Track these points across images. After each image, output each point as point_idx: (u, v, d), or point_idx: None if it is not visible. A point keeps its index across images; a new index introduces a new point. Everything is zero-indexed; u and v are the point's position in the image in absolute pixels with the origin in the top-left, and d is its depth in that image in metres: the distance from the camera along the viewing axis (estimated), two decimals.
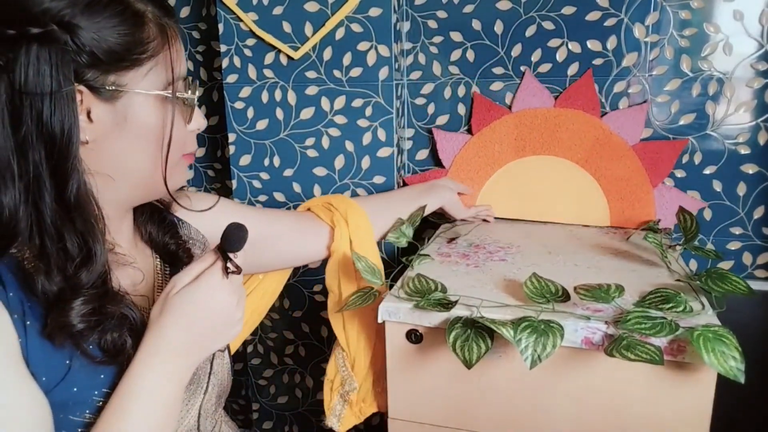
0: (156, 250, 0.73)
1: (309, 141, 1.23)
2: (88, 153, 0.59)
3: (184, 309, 0.58)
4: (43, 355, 0.56)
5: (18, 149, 0.54)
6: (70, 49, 0.54)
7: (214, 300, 0.59)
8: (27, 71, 0.53)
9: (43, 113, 0.53)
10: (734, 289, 0.78)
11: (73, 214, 0.56)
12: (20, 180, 0.54)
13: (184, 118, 0.64)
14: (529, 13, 1.15)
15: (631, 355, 0.67)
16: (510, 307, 0.79)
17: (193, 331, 0.59)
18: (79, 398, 0.57)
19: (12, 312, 0.54)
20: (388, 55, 1.14)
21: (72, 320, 0.55)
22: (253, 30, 1.19)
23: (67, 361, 0.57)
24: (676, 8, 1.09)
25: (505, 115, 1.20)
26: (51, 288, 0.55)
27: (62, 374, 0.56)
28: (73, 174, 0.56)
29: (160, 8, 0.61)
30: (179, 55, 0.63)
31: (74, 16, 0.54)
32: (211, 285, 0.59)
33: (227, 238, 0.60)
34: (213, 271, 0.59)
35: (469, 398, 0.83)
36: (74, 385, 0.57)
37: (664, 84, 1.12)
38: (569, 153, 1.18)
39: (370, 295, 0.88)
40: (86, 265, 0.57)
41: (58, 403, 0.56)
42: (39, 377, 0.55)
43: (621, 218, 1.17)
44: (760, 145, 1.10)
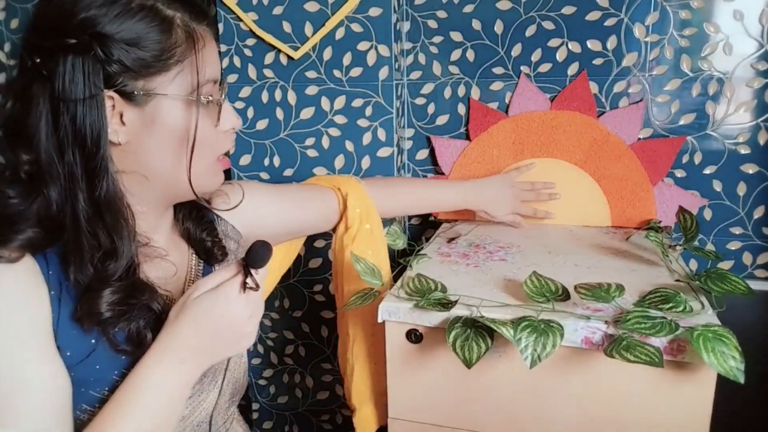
0: (192, 245, 0.76)
1: (309, 141, 1.23)
2: (123, 154, 0.62)
3: (200, 314, 0.61)
4: (71, 333, 0.60)
5: (58, 150, 0.59)
6: (101, 58, 0.58)
7: (228, 312, 0.61)
8: (64, 79, 0.57)
9: (77, 118, 0.58)
10: (734, 289, 0.78)
11: (103, 212, 0.60)
12: (62, 178, 0.59)
13: (212, 120, 0.66)
14: (529, 13, 1.15)
15: (631, 356, 0.67)
16: (510, 307, 0.79)
17: (204, 336, 0.61)
18: (100, 375, 0.61)
19: (51, 288, 0.59)
20: (388, 55, 1.14)
21: (101, 308, 0.60)
22: (253, 30, 1.19)
23: (93, 341, 0.61)
24: (676, 8, 1.09)
25: (502, 119, 1.20)
26: (82, 278, 0.60)
27: (87, 353, 0.61)
28: (103, 174, 0.60)
29: (190, 13, 0.63)
30: (208, 58, 0.64)
31: (105, 25, 0.57)
32: (227, 297, 0.61)
33: (251, 255, 0.61)
34: (232, 284, 0.61)
35: (470, 398, 0.83)
36: (97, 363, 0.61)
37: (664, 84, 1.12)
38: (568, 155, 1.18)
39: (370, 295, 0.87)
40: (112, 258, 0.61)
41: (80, 379, 0.60)
42: (64, 352, 0.60)
43: (622, 218, 1.17)
44: (760, 145, 1.10)
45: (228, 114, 0.68)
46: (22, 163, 0.59)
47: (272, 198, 0.90)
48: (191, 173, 0.65)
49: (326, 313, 1.33)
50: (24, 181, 0.60)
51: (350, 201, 0.97)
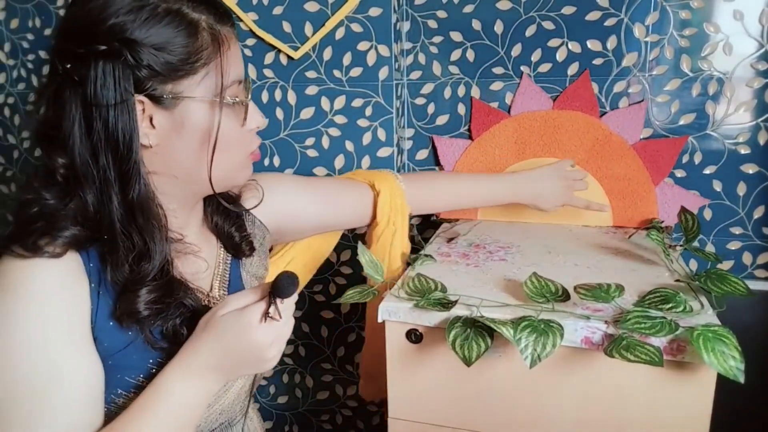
0: (221, 239, 0.78)
1: (309, 141, 1.23)
2: (154, 156, 0.64)
3: (222, 334, 0.62)
4: (108, 326, 0.62)
5: (92, 154, 0.61)
6: (130, 64, 0.59)
7: (248, 337, 0.61)
8: (95, 85, 0.59)
9: (109, 122, 0.60)
10: (734, 291, 0.78)
11: (136, 213, 0.62)
12: (97, 180, 0.61)
13: (239, 120, 0.67)
14: (529, 13, 1.15)
15: (631, 356, 0.67)
16: (510, 307, 0.79)
17: (225, 357, 0.62)
18: (135, 363, 0.64)
19: (91, 281, 0.62)
20: (388, 55, 1.14)
21: (139, 307, 0.62)
22: (253, 30, 1.19)
23: (130, 333, 0.64)
24: (676, 8, 1.09)
25: (504, 119, 1.20)
26: (119, 278, 0.62)
27: (124, 345, 0.63)
28: (135, 177, 0.62)
29: (215, 15, 0.64)
30: (233, 59, 0.65)
31: (134, 31, 0.59)
32: (249, 322, 0.61)
33: (277, 286, 0.61)
34: (255, 309, 0.62)
35: (469, 398, 0.83)
36: (133, 354, 0.64)
37: (664, 84, 1.12)
38: (569, 154, 1.18)
39: (369, 292, 0.87)
40: (145, 259, 0.62)
41: (116, 366, 0.63)
42: (101, 342, 0.62)
43: (624, 217, 1.17)
44: (760, 145, 1.10)
45: (253, 113, 0.69)
46: (58, 166, 0.61)
47: (303, 191, 0.91)
48: (217, 171, 0.66)
49: (326, 313, 1.33)
50: (60, 184, 0.61)
51: (381, 199, 0.97)
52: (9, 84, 1.43)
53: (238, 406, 0.77)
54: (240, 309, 0.62)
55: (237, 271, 0.80)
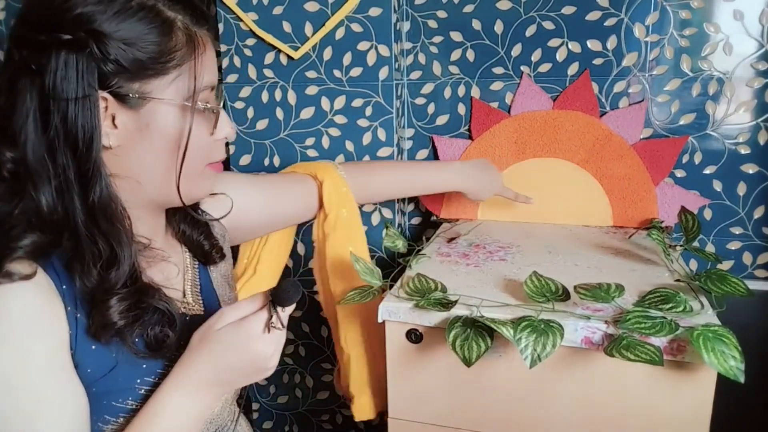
0: (188, 247, 0.76)
1: (309, 141, 1.23)
2: (114, 158, 0.60)
3: (220, 348, 0.60)
4: (90, 350, 0.59)
5: (48, 151, 0.56)
6: (96, 57, 0.55)
7: (250, 348, 0.60)
8: (55, 76, 0.55)
9: (68, 117, 0.55)
10: (734, 291, 0.78)
11: (98, 217, 0.58)
12: (54, 180, 0.57)
13: (208, 128, 0.64)
14: (529, 13, 1.15)
15: (631, 355, 0.67)
16: (510, 307, 0.79)
17: (224, 371, 0.60)
18: (122, 386, 0.61)
19: (67, 304, 0.58)
20: (388, 55, 1.14)
21: (113, 317, 0.58)
22: (253, 30, 1.19)
23: (114, 355, 0.60)
24: (676, 8, 1.09)
25: (504, 119, 1.20)
26: (86, 287, 0.58)
27: (109, 368, 0.60)
28: (96, 178, 0.57)
29: (192, 16, 0.62)
30: (208, 64, 0.63)
31: (103, 23, 0.55)
32: (250, 334, 0.59)
33: (279, 294, 0.60)
34: (256, 320, 0.60)
35: (469, 398, 0.83)
36: (119, 376, 0.61)
37: (664, 84, 1.12)
38: (569, 154, 1.18)
39: (369, 293, 0.87)
40: (113, 266, 0.59)
41: (101, 391, 0.60)
42: (84, 368, 0.58)
43: (624, 217, 1.17)
44: (760, 145, 1.10)
45: (223, 122, 0.66)
46: (5, 160, 0.56)
47: (255, 189, 0.88)
48: (182, 180, 0.63)
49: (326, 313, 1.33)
50: (7, 181, 0.57)
51: (325, 188, 0.95)
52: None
53: (226, 411, 0.75)
54: (238, 321, 0.60)
55: (206, 274, 0.78)
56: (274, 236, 0.99)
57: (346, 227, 0.97)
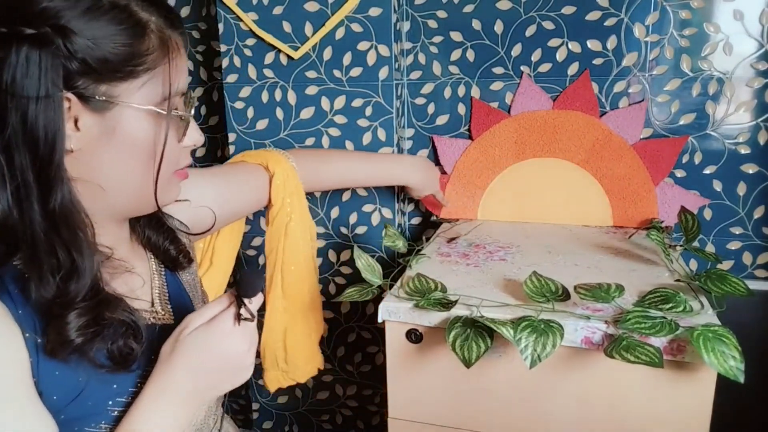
0: (154, 253, 0.72)
1: (309, 141, 1.23)
2: (75, 161, 0.57)
3: (194, 352, 0.58)
4: (55, 375, 0.55)
5: (4, 151, 0.52)
6: (61, 54, 0.52)
7: (224, 347, 0.58)
8: (15, 72, 0.51)
9: (28, 117, 0.51)
10: (734, 291, 0.78)
11: (59, 224, 0.54)
12: (11, 183, 0.53)
13: (177, 135, 0.62)
14: (529, 12, 1.15)
15: (631, 356, 0.67)
16: (510, 307, 0.79)
17: (202, 375, 0.58)
18: (93, 410, 0.58)
19: (24, 330, 0.54)
20: (388, 54, 1.14)
21: (70, 335, 0.54)
22: (253, 30, 1.19)
23: (80, 379, 0.57)
24: (676, 8, 1.09)
25: (504, 119, 1.20)
26: (43, 298, 0.54)
27: (76, 393, 0.57)
28: (57, 182, 0.54)
29: (166, 19, 0.59)
30: (179, 69, 0.60)
31: (71, 19, 0.52)
32: (223, 331, 0.58)
33: (242, 285, 0.58)
34: (226, 317, 0.58)
35: (469, 398, 0.83)
36: (89, 400, 0.58)
37: (664, 84, 1.12)
38: (569, 154, 1.18)
39: (368, 291, 0.88)
40: (73, 277, 0.55)
41: (72, 418, 0.57)
42: (50, 396, 0.55)
43: (624, 217, 1.17)
44: (760, 145, 1.10)
45: (193, 130, 0.64)
46: None
47: (207, 184, 0.86)
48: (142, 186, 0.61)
49: (326, 313, 1.33)
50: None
51: (275, 182, 0.95)
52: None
53: (211, 419, 0.73)
54: (208, 322, 0.58)
55: (175, 280, 0.74)
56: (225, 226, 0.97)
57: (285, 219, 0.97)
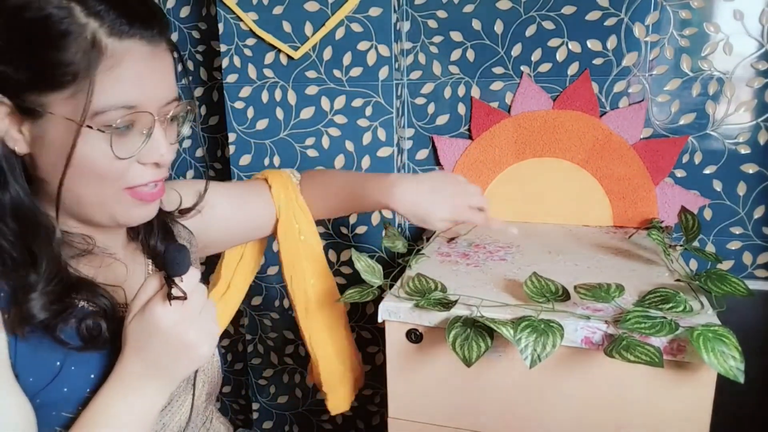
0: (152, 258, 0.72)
1: (309, 141, 1.23)
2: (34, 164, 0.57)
3: (136, 340, 0.57)
4: (32, 357, 0.56)
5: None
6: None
7: (158, 329, 0.55)
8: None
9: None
10: (734, 291, 0.78)
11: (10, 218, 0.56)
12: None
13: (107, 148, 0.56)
14: (529, 12, 1.15)
15: (631, 356, 0.67)
16: (510, 307, 0.79)
17: (149, 361, 0.57)
18: (70, 396, 0.58)
19: (4, 312, 0.55)
20: (388, 54, 1.14)
21: (33, 310, 0.55)
22: (253, 30, 1.19)
23: (58, 363, 0.57)
24: (676, 8, 1.09)
25: (504, 119, 1.20)
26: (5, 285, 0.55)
27: (52, 376, 0.57)
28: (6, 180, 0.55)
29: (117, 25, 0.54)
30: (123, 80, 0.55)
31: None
32: (153, 314, 0.55)
33: (168, 263, 0.55)
34: (156, 300, 0.56)
35: (469, 398, 0.83)
36: (65, 385, 0.58)
37: (664, 84, 1.12)
38: (569, 154, 1.18)
39: (369, 292, 0.87)
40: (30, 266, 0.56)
41: (48, 402, 0.57)
42: (26, 378, 0.55)
43: (624, 217, 1.17)
44: (760, 145, 1.10)
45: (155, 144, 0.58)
46: None
47: (220, 194, 0.84)
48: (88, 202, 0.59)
49: None
50: None
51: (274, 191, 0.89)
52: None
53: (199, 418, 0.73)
54: (142, 308, 0.57)
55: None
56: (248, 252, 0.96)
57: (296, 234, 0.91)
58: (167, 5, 1.36)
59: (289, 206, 0.90)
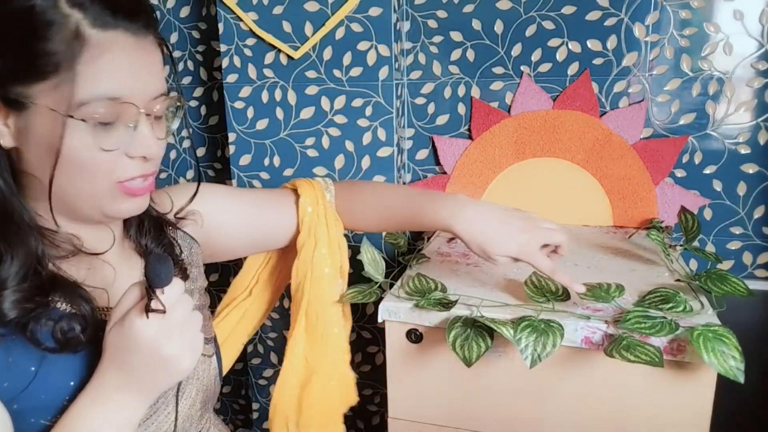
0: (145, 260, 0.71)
1: (309, 141, 1.23)
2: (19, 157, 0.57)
3: (114, 348, 0.56)
4: (6, 362, 0.55)
5: None
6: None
7: (136, 342, 0.54)
8: None
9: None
10: (734, 291, 0.78)
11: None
12: None
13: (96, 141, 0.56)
14: (529, 12, 1.15)
15: (631, 356, 0.67)
16: (510, 307, 0.79)
17: (127, 369, 0.55)
18: (48, 404, 0.57)
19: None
20: (388, 54, 1.14)
21: (4, 308, 0.54)
22: (253, 30, 1.19)
23: (33, 368, 0.56)
24: (676, 8, 1.09)
25: (504, 119, 1.20)
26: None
27: (27, 381, 0.56)
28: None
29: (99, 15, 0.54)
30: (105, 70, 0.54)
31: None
32: (131, 326, 0.54)
33: (148, 274, 0.53)
34: (134, 312, 0.54)
35: (469, 398, 0.83)
36: (41, 392, 0.57)
37: (664, 83, 1.12)
38: (569, 154, 1.18)
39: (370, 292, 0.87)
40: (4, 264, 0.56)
41: (25, 408, 0.56)
42: (0, 383, 0.54)
43: (624, 217, 1.17)
44: (760, 145, 1.10)
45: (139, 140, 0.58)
46: None
47: (231, 200, 0.82)
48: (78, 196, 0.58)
49: None
50: None
51: (301, 202, 0.85)
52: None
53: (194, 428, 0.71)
54: (121, 318, 0.55)
55: None
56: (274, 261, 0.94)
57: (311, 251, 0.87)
58: (167, 5, 1.36)
59: (313, 222, 0.85)
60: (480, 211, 0.78)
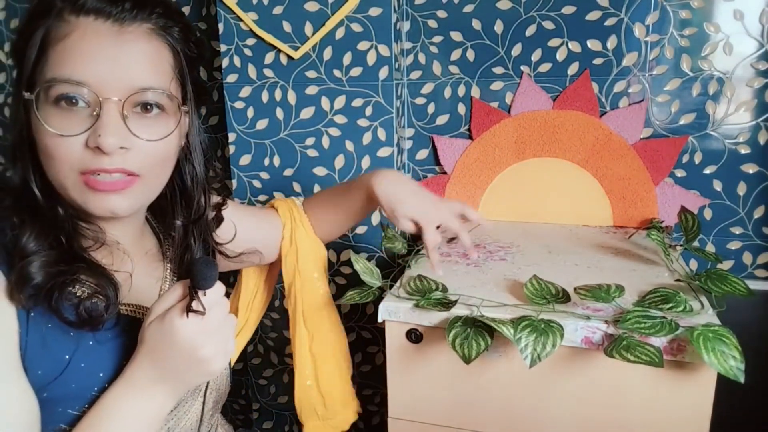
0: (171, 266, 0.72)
1: (309, 141, 1.23)
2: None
3: (153, 342, 0.57)
4: (41, 349, 0.56)
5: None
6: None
7: (174, 340, 0.55)
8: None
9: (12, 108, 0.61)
10: (734, 291, 0.78)
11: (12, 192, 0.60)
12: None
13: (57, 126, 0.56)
14: (529, 12, 1.15)
15: (631, 356, 0.67)
16: (510, 307, 0.79)
17: (163, 364, 0.57)
18: (77, 394, 0.58)
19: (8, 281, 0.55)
20: (388, 54, 1.14)
21: (32, 271, 0.55)
22: (253, 30, 1.19)
23: (67, 356, 0.58)
24: (677, 8, 1.09)
25: (505, 119, 1.20)
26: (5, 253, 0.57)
27: (60, 370, 0.57)
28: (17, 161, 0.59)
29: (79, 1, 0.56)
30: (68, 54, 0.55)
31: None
32: (172, 324, 0.55)
33: (195, 276, 0.55)
34: (175, 310, 0.55)
35: (469, 397, 0.83)
36: (72, 381, 0.58)
37: (664, 83, 1.12)
38: (569, 154, 1.18)
39: (370, 293, 0.87)
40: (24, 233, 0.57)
41: (55, 397, 0.57)
42: (34, 371, 0.56)
43: (624, 217, 1.17)
44: (760, 145, 1.10)
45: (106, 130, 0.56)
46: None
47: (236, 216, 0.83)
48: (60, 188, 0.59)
49: None
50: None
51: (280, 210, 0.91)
52: (9, 84, 1.42)
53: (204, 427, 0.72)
54: (161, 315, 0.56)
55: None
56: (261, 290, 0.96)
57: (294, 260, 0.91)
58: None
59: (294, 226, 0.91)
60: (398, 179, 0.85)
